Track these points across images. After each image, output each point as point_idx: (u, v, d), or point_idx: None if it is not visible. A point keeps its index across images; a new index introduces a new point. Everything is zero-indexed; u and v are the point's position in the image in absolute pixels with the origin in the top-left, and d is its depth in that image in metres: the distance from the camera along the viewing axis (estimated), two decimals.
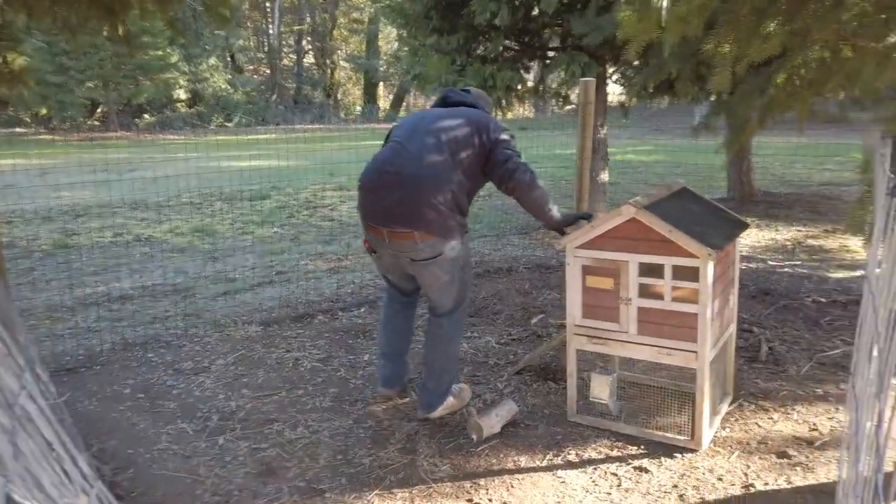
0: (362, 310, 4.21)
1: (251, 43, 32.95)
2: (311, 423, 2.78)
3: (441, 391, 2.74)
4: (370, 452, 2.54)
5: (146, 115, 24.20)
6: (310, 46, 33.48)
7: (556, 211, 2.66)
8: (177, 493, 2.31)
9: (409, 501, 2.23)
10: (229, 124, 24.70)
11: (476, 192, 2.73)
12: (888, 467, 2.22)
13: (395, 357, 2.88)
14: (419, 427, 2.71)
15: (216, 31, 25.31)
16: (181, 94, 26.27)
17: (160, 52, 21.73)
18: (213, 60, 26.92)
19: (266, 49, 32.81)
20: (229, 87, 27.05)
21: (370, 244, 2.67)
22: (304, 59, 33.26)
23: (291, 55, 33.48)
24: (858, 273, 4.72)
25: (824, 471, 2.31)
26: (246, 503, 2.26)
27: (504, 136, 2.63)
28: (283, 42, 33.01)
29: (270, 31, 31.76)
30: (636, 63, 6.11)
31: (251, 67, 32.44)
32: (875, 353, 1.35)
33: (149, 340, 3.74)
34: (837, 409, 2.73)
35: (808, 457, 2.40)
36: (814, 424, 2.62)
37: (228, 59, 29.33)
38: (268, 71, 32.18)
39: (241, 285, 4.95)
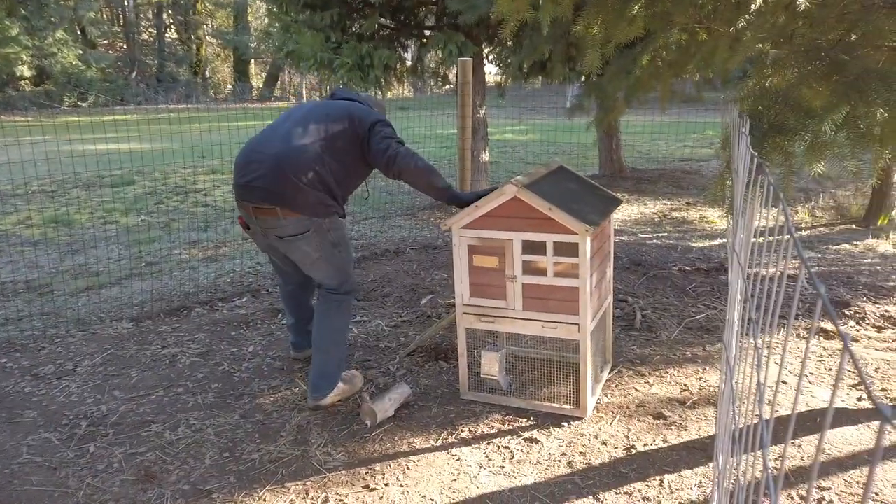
0: (244, 299, 4.04)
1: (104, 15, 30.35)
2: (193, 421, 2.63)
3: (328, 372, 2.69)
4: (259, 447, 2.44)
5: None
6: (171, 20, 31.36)
7: (451, 186, 2.71)
8: None
9: (304, 494, 2.18)
10: (83, 104, 22.71)
11: (356, 181, 2.77)
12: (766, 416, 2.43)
13: (299, 326, 3.07)
14: (310, 417, 2.64)
15: (62, 2, 23.10)
16: (25, 71, 23.79)
17: None
18: (60, 34, 24.52)
19: (122, 22, 30.37)
20: (81, 64, 24.82)
21: (243, 220, 2.73)
22: (167, 35, 31.13)
23: (151, 29, 31.21)
24: (717, 242, 5.13)
25: (696, 428, 2.49)
26: None
27: (379, 122, 2.68)
28: (141, 15, 30.70)
29: (126, 3, 29.43)
30: (511, 44, 6.24)
31: (105, 42, 29.89)
32: (736, 316, 1.46)
33: (1, 344, 3.38)
34: (704, 369, 2.96)
35: (681, 416, 2.58)
36: (685, 385, 2.82)
37: (78, 32, 26.87)
38: (124, 46, 29.84)
39: (107, 279, 4.58)
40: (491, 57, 6.85)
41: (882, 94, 1.61)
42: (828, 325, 3.38)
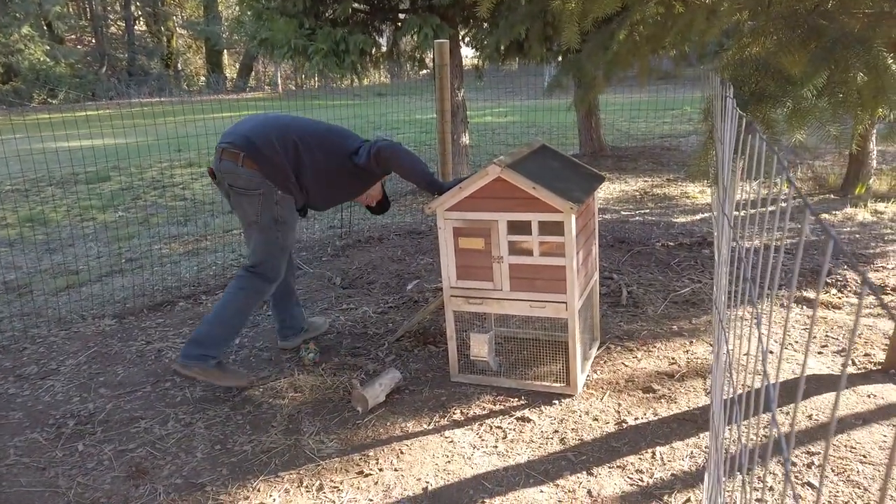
0: None
1: (70, 9, 29.68)
2: (182, 416, 2.61)
3: (204, 343, 2.63)
4: (251, 438, 2.43)
5: None
6: (140, 12, 30.75)
7: (434, 174, 2.78)
8: None
9: (298, 482, 2.17)
10: (53, 101, 22.26)
11: (331, 191, 2.81)
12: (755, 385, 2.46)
13: (279, 309, 3.07)
14: (301, 407, 2.63)
15: None
16: None
17: None
18: (26, 30, 23.97)
19: (89, 16, 29.73)
20: (49, 60, 24.28)
21: (212, 169, 2.75)
22: (136, 27, 30.53)
23: (119, 22, 30.58)
24: (699, 217, 5.16)
25: (685, 400, 2.51)
26: None
27: (363, 148, 2.78)
28: (108, 8, 30.06)
29: None
30: (487, 24, 6.20)
31: (73, 37, 29.26)
32: (723, 283, 1.46)
33: None
34: (691, 342, 2.98)
35: (670, 389, 2.60)
36: (673, 359, 2.84)
37: (45, 27, 26.27)
38: (93, 40, 29.23)
39: (87, 277, 4.51)
40: (467, 39, 6.80)
41: (861, 57, 1.61)
42: (810, 294, 3.42)
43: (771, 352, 2.82)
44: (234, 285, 2.75)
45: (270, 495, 2.11)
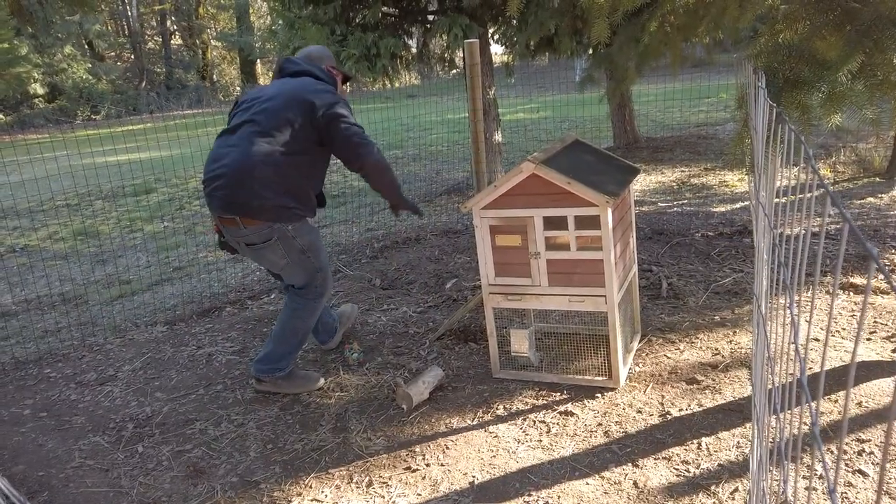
0: (272, 296, 4.10)
1: (109, 27, 30.58)
2: (234, 417, 2.70)
3: (271, 358, 2.77)
4: (301, 437, 2.50)
5: (0, 115, 22.06)
6: (175, 27, 31.52)
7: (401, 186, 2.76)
8: None
9: (348, 479, 2.23)
10: (97, 117, 22.99)
11: (321, 170, 2.74)
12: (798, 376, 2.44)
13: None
14: (348, 406, 2.70)
15: (67, 18, 23.29)
16: (38, 89, 24.10)
17: (6, 45, 19.75)
18: (68, 49, 24.81)
19: (127, 33, 30.59)
20: (91, 77, 25.07)
21: (217, 228, 2.70)
22: (172, 41, 31.30)
23: (156, 37, 31.40)
24: (738, 205, 5.09)
25: (730, 390, 2.50)
26: None
27: (339, 111, 2.59)
28: (145, 24, 30.88)
29: (129, 14, 29.61)
30: (516, 22, 6.20)
31: (113, 54, 30.16)
32: (765, 274, 1.47)
33: (43, 356, 3.49)
34: (735, 332, 2.96)
35: (714, 380, 2.59)
36: (716, 349, 2.83)
37: (86, 46, 27.14)
38: (132, 56, 30.07)
39: (138, 286, 4.68)
40: (496, 37, 6.81)
41: None
42: (857, 280, 3.35)
43: (817, 339, 2.78)
44: (288, 306, 2.79)
45: (322, 491, 2.18)
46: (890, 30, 1.60)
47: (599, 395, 2.57)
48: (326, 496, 2.15)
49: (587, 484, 2.07)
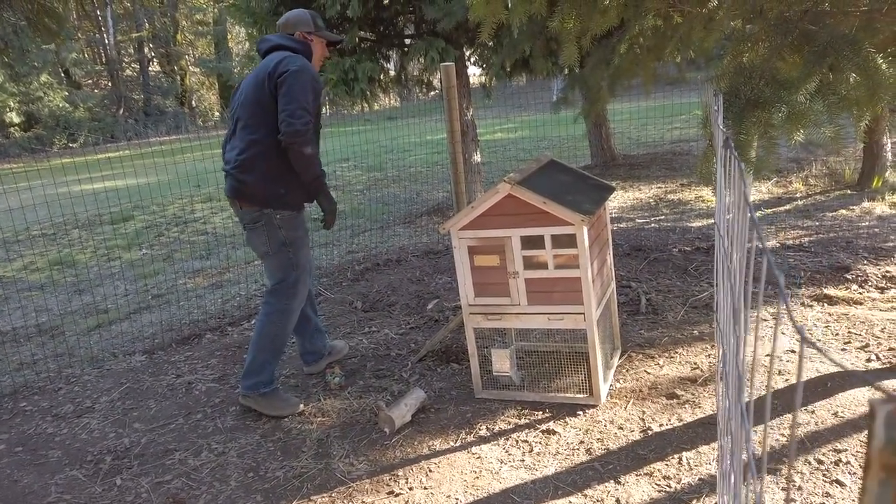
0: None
1: (86, 55, 30.47)
2: (215, 445, 2.67)
3: (252, 370, 2.84)
4: (283, 464, 2.48)
5: None
6: (153, 54, 31.49)
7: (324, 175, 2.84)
8: None
9: None
10: (74, 145, 22.81)
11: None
12: (759, 392, 2.47)
13: (299, 334, 3.13)
14: (330, 431, 2.68)
15: (44, 46, 23.18)
16: (14, 118, 23.89)
17: None
18: (45, 77, 24.66)
19: (104, 60, 30.50)
20: (68, 105, 24.92)
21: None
22: (150, 68, 31.25)
23: (134, 64, 31.33)
24: (714, 220, 5.16)
25: (709, 404, 2.53)
26: None
27: (287, 74, 2.64)
28: (123, 51, 30.82)
29: (106, 41, 29.55)
30: (491, 44, 6.29)
31: (90, 81, 30.02)
32: (728, 290, 1.50)
33: (18, 389, 3.43)
34: (713, 346, 2.99)
35: (693, 394, 2.61)
36: (695, 364, 2.86)
37: (62, 74, 27.00)
38: (109, 83, 29.96)
39: (116, 315, 4.63)
40: (473, 59, 6.90)
41: (852, 59, 1.65)
42: (831, 291, 3.41)
43: (792, 351, 2.82)
44: (262, 313, 2.88)
45: None
46: (845, 51, 1.66)
47: (581, 412, 2.58)
48: None
49: (570, 503, 2.07)
